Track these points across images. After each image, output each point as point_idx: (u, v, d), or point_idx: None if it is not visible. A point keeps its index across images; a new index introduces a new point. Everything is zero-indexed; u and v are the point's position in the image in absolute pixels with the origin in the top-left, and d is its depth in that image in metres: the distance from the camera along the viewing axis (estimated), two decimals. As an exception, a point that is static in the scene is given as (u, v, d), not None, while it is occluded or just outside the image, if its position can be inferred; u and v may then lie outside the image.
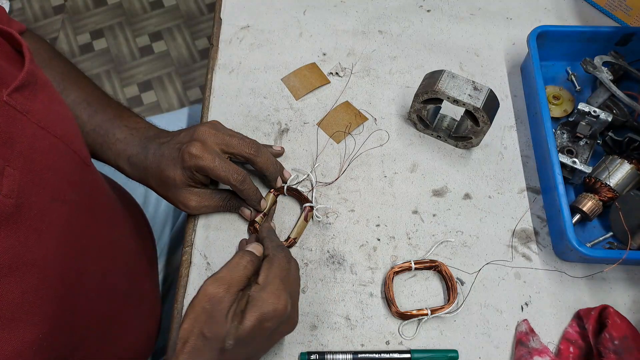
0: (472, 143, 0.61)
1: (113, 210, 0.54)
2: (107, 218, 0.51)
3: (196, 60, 1.68)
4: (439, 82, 0.56)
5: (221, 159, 0.52)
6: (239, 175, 0.52)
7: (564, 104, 0.64)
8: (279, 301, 0.43)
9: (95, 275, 0.47)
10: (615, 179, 0.56)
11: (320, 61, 0.69)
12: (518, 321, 0.53)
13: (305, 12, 0.72)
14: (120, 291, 0.54)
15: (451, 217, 0.59)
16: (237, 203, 0.56)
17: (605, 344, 0.49)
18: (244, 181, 0.52)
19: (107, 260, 0.50)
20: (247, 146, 0.53)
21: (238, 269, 0.45)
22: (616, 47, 0.65)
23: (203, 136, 0.52)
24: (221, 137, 0.53)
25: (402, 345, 0.52)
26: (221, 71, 0.68)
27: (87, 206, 0.46)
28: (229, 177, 0.52)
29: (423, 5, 0.73)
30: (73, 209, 0.43)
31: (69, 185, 0.43)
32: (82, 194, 0.45)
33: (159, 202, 0.79)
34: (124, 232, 0.57)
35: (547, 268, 0.56)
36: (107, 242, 0.50)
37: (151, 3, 1.77)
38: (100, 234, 0.48)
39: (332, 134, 0.63)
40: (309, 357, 0.51)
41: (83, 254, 0.45)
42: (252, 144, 0.54)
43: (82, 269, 0.44)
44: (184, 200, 0.54)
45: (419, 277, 0.56)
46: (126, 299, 0.55)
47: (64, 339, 0.42)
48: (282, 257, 0.46)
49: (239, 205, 0.56)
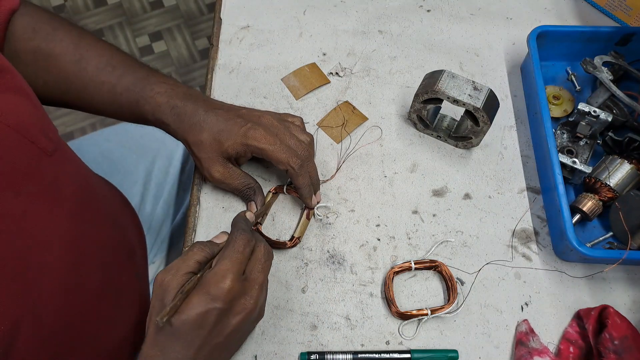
0: (472, 143, 0.61)
1: (82, 202, 0.52)
2: (73, 210, 0.50)
3: (196, 60, 1.68)
4: (439, 82, 0.56)
5: (282, 143, 0.53)
6: (299, 159, 0.53)
7: (564, 104, 0.64)
8: (223, 280, 0.42)
9: (57, 269, 0.46)
10: (615, 179, 0.56)
11: (320, 61, 0.69)
12: (518, 321, 0.53)
13: (305, 12, 0.72)
14: (92, 285, 0.52)
15: (451, 217, 0.59)
16: (252, 195, 0.56)
17: (605, 344, 0.49)
18: (302, 166, 0.53)
19: (73, 252, 0.49)
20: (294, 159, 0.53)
21: (187, 256, 0.45)
22: (616, 47, 0.65)
23: (266, 123, 0.54)
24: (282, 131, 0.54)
25: (402, 345, 0.52)
26: (221, 71, 0.68)
27: (49, 197, 0.45)
28: (288, 160, 0.52)
29: (423, 5, 0.73)
30: (29, 200, 0.42)
31: (23, 176, 0.42)
32: (43, 185, 0.45)
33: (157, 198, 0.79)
34: (96, 223, 0.55)
35: (547, 268, 0.56)
36: (72, 235, 0.49)
37: (151, 3, 1.77)
38: (62, 226, 0.47)
39: (332, 134, 0.63)
40: (309, 357, 0.51)
41: (44, 246, 0.44)
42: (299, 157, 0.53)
43: (42, 262, 0.43)
44: (211, 168, 0.55)
45: (419, 277, 0.56)
46: (100, 292, 0.54)
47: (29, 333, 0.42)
48: (238, 240, 0.45)
49: (252, 198, 0.56)
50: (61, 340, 0.47)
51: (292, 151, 0.53)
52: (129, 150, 0.80)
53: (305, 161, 0.54)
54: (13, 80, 0.45)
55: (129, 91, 0.55)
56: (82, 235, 0.51)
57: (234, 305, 0.43)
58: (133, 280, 0.63)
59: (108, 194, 0.66)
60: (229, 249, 0.44)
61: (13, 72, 0.46)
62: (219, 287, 0.42)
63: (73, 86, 0.56)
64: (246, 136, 0.53)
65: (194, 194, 0.59)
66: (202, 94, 0.58)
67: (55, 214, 0.46)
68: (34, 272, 0.43)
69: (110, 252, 0.57)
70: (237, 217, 0.50)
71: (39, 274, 0.43)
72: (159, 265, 0.76)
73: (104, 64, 0.55)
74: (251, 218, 0.51)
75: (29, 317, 0.42)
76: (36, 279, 0.43)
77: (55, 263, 0.46)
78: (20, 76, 0.47)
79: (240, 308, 0.44)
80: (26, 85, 0.47)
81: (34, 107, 0.47)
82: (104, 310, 0.54)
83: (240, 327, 0.44)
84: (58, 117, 1.58)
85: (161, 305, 0.42)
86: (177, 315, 0.41)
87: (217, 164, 0.55)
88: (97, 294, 0.53)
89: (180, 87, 0.56)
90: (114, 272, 0.58)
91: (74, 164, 0.54)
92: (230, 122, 0.54)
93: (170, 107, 0.54)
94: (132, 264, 0.64)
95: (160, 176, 0.80)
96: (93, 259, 0.53)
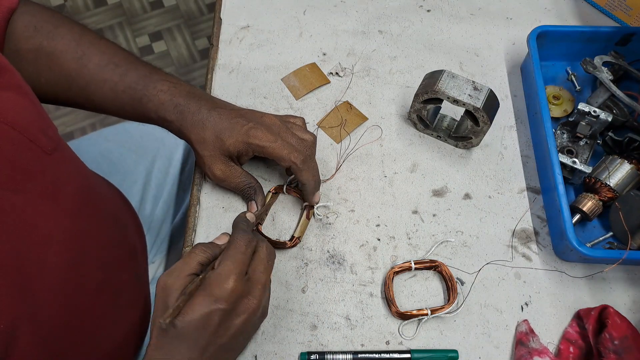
0: (472, 143, 0.61)
1: (82, 201, 0.52)
2: (73, 208, 0.50)
3: (196, 60, 1.68)
4: (439, 82, 0.56)
5: (284, 140, 0.53)
6: (301, 154, 0.53)
7: (564, 104, 0.64)
8: (226, 281, 0.42)
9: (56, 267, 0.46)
10: (615, 179, 0.56)
11: (320, 61, 0.69)
12: (518, 321, 0.53)
13: (305, 12, 0.72)
14: (91, 284, 0.52)
15: (451, 217, 0.59)
16: (253, 194, 0.57)
17: (605, 344, 0.49)
18: (304, 161, 0.53)
19: (72, 251, 0.49)
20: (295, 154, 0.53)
21: (189, 257, 0.45)
22: (616, 47, 0.65)
23: (269, 123, 0.54)
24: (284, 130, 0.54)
25: (402, 345, 0.52)
26: (221, 71, 0.68)
27: (49, 196, 0.45)
28: (290, 156, 0.52)
29: (423, 5, 0.73)
30: (28, 198, 0.42)
31: (22, 174, 0.42)
32: (43, 184, 0.45)
33: (157, 198, 0.79)
34: (96, 222, 0.55)
35: (547, 268, 0.56)
36: (72, 233, 0.49)
37: (151, 3, 1.77)
38: (62, 224, 0.47)
39: (332, 134, 0.63)
40: (309, 357, 0.51)
41: (43, 244, 0.44)
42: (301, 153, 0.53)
43: (41, 260, 0.44)
44: (213, 165, 0.55)
45: (419, 277, 0.56)
46: (100, 290, 0.54)
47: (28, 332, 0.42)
48: (239, 240, 0.45)
49: (252, 197, 0.57)
50: (60, 339, 0.47)
51: (294, 147, 0.53)
52: (128, 150, 0.80)
53: (308, 158, 0.54)
54: (12, 78, 0.45)
55: (132, 89, 0.55)
56: (82, 234, 0.51)
57: (237, 305, 0.43)
58: (133, 280, 0.63)
59: (108, 194, 0.66)
60: (231, 249, 0.45)
61: (12, 71, 0.46)
62: (222, 288, 0.42)
63: (75, 84, 0.55)
64: (248, 135, 0.53)
65: (194, 194, 0.59)
66: (204, 92, 0.58)
67: (54, 213, 0.46)
68: (33, 269, 0.43)
69: (110, 251, 0.57)
70: (237, 218, 0.50)
71: (38, 272, 0.43)
72: (158, 265, 0.76)
73: (105, 62, 0.55)
74: (252, 219, 0.52)
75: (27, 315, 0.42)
76: (35, 276, 0.43)
77: (54, 261, 0.46)
78: (19, 75, 0.47)
79: (244, 308, 0.44)
80: (25, 84, 0.47)
81: (33, 106, 0.47)
82: (103, 310, 0.54)
83: (244, 328, 0.44)
84: (58, 117, 1.58)
85: (164, 308, 0.42)
86: (180, 317, 0.41)
87: (219, 162, 0.55)
88: (96, 293, 0.53)
89: (183, 85, 0.56)
90: (114, 272, 0.57)
91: (74, 163, 0.54)
92: (233, 120, 0.54)
93: (173, 105, 0.54)
94: (132, 264, 0.63)
95: (160, 176, 0.80)
96: (93, 258, 0.53)
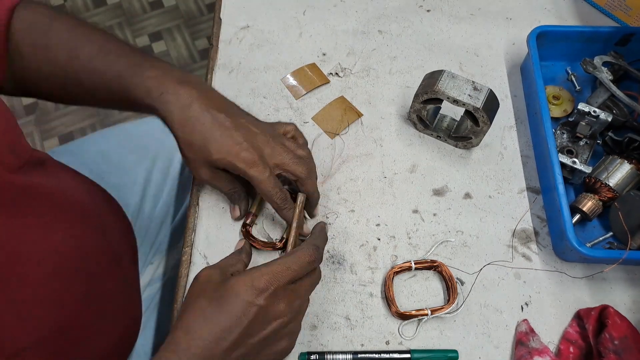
0: (472, 143, 0.61)
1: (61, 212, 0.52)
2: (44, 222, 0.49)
3: (196, 61, 1.68)
4: (439, 82, 0.56)
5: (271, 174, 0.51)
6: (282, 193, 0.52)
7: (564, 104, 0.64)
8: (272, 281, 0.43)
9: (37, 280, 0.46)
10: (615, 179, 0.56)
11: (320, 61, 0.69)
12: (518, 321, 0.53)
13: (305, 12, 0.72)
14: (74, 294, 0.51)
15: (451, 216, 0.59)
16: (238, 199, 0.57)
17: (605, 344, 0.49)
18: (285, 200, 0.52)
19: (48, 265, 0.48)
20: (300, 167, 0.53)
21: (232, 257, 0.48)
22: (616, 47, 0.65)
23: (261, 145, 0.52)
24: (278, 151, 0.52)
25: (402, 345, 0.52)
26: (221, 71, 0.68)
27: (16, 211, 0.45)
28: (272, 196, 0.51)
29: (423, 5, 0.73)
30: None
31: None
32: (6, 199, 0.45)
33: (156, 198, 0.79)
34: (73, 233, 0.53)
35: (547, 268, 0.56)
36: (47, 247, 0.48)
37: (151, 3, 1.77)
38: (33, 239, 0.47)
39: (326, 128, 0.63)
40: (308, 357, 0.51)
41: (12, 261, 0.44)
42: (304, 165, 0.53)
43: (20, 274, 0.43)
44: (198, 169, 0.53)
45: (419, 277, 0.56)
46: (85, 302, 0.53)
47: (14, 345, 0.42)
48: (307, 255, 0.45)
49: (237, 202, 0.57)
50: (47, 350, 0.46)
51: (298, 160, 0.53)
52: (128, 150, 0.80)
53: (311, 166, 0.54)
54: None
55: (120, 77, 0.52)
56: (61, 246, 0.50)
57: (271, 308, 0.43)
58: (120, 287, 0.61)
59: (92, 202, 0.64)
60: (295, 257, 0.45)
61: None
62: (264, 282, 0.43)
63: (69, 76, 0.54)
64: (238, 157, 0.50)
65: (193, 194, 0.59)
66: (201, 80, 0.54)
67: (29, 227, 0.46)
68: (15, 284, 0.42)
69: (90, 261, 0.56)
70: (319, 227, 0.51)
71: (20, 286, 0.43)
72: (157, 266, 0.76)
73: (96, 51, 0.53)
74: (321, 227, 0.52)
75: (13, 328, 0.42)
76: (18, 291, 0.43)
77: (35, 275, 0.45)
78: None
79: (277, 314, 0.44)
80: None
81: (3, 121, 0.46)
82: (89, 320, 0.53)
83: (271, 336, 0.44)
84: (58, 117, 1.58)
85: None
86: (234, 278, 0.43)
87: (205, 167, 0.53)
88: (80, 306, 0.52)
89: (175, 71, 0.52)
90: (97, 282, 0.56)
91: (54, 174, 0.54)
92: (225, 133, 0.51)
93: (159, 93, 0.50)
94: (117, 271, 0.62)
95: (160, 176, 0.79)
96: (73, 270, 0.52)
